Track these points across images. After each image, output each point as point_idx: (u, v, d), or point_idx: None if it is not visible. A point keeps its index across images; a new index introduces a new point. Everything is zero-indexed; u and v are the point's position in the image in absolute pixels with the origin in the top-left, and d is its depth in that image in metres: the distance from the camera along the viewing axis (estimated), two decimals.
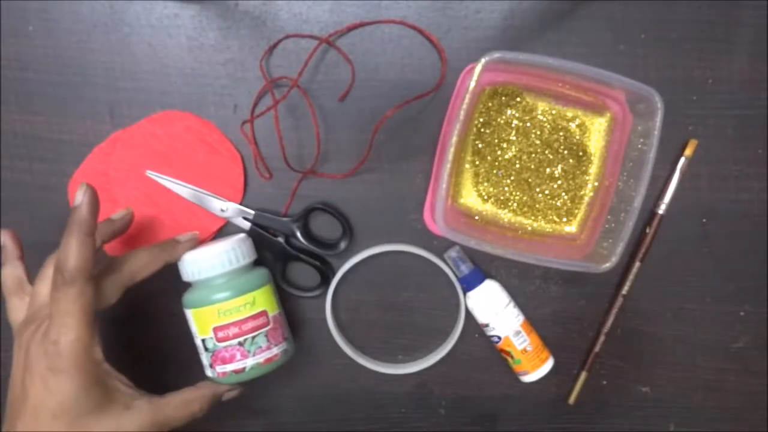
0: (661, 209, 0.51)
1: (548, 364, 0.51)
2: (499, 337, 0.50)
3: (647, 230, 0.51)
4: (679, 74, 0.51)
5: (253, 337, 0.45)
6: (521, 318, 0.50)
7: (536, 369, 0.50)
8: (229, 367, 0.45)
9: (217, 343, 0.45)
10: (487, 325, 0.50)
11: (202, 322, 0.45)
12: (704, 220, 0.52)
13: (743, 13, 0.50)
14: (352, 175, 0.50)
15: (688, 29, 0.50)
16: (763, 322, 0.53)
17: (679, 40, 0.50)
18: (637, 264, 0.51)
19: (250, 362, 0.45)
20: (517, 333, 0.50)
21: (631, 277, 0.51)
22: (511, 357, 0.50)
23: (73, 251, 0.39)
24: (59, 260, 0.39)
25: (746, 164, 0.52)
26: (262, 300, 0.46)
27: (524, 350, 0.50)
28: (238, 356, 0.45)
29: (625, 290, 0.51)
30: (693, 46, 0.50)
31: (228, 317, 0.45)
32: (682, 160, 0.50)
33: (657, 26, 0.50)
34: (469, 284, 0.50)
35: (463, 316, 0.51)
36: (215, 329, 0.45)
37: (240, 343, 0.45)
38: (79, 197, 0.39)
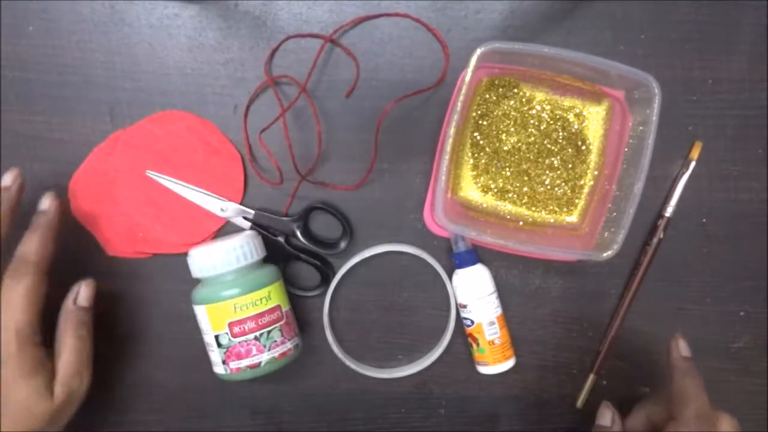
0: (668, 212, 0.51)
1: (509, 363, 0.51)
2: (473, 322, 0.50)
3: (653, 239, 0.51)
4: (679, 74, 0.51)
5: (269, 332, 0.45)
6: (499, 311, 0.50)
7: (497, 363, 0.50)
8: (245, 362, 0.45)
9: (233, 339, 0.45)
10: (465, 307, 0.50)
11: (217, 317, 0.45)
12: (704, 220, 0.52)
13: (743, 13, 0.50)
14: (351, 176, 0.50)
15: (688, 29, 0.50)
16: (763, 322, 0.53)
17: (679, 40, 0.50)
18: (642, 268, 0.51)
19: (265, 357, 0.45)
20: (491, 324, 0.50)
21: (636, 280, 0.51)
22: (477, 344, 0.50)
23: (35, 246, 0.44)
24: (23, 252, 0.44)
25: (746, 164, 0.52)
26: (276, 295, 0.46)
27: (492, 342, 0.50)
28: (254, 351, 0.45)
29: (630, 293, 0.52)
30: (693, 46, 0.50)
31: (245, 312, 0.45)
32: (692, 164, 0.50)
33: (657, 26, 0.50)
34: (461, 261, 0.50)
35: (454, 316, 0.51)
36: (231, 324, 0.45)
37: (256, 338, 0.45)
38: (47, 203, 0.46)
